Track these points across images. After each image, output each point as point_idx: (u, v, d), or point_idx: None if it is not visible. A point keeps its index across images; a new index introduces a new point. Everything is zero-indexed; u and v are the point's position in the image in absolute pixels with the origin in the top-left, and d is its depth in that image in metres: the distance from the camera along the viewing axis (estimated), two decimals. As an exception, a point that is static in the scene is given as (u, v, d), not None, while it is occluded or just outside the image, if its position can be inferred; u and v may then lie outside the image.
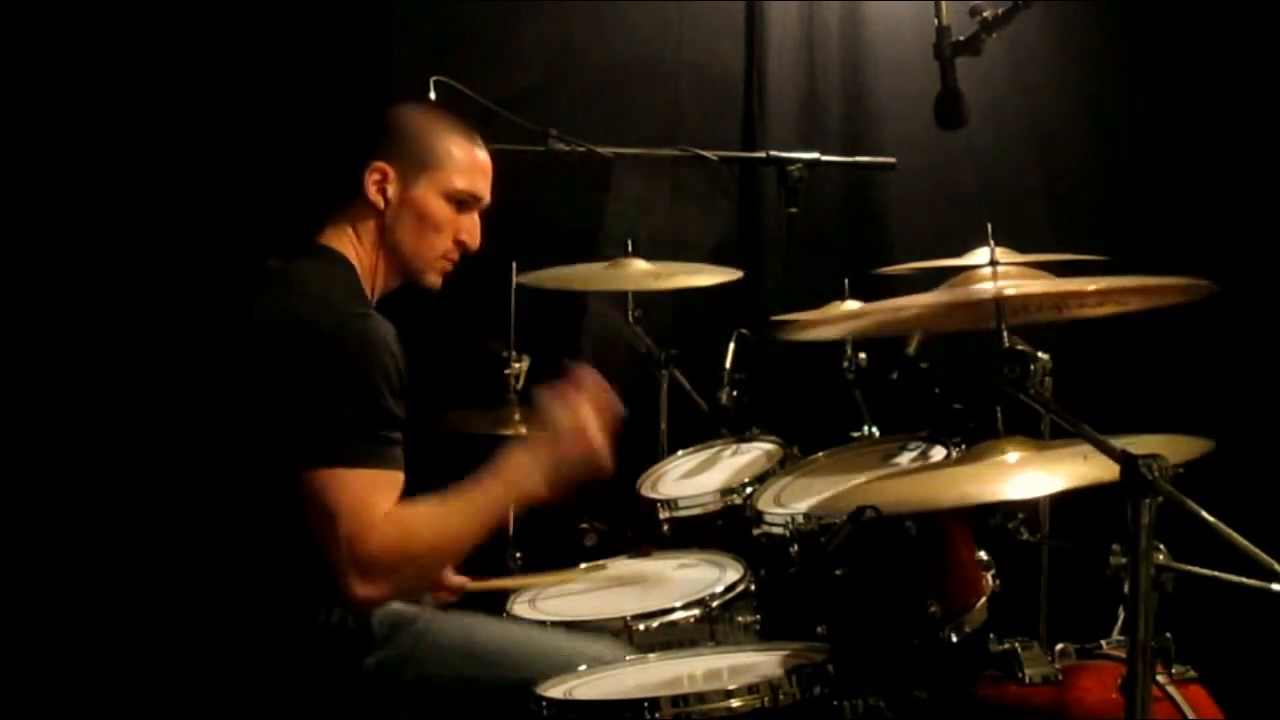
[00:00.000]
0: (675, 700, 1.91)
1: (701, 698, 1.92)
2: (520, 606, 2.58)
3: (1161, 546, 1.66)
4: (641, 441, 3.24)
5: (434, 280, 2.33)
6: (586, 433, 2.12)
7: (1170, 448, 1.68)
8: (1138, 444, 1.67)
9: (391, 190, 2.25)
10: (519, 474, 2.11)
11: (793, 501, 2.58)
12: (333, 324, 2.04)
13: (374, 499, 1.98)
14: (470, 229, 2.32)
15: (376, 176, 2.25)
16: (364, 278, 2.24)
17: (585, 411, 2.13)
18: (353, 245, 2.25)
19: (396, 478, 2.02)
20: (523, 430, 3.06)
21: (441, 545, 2.08)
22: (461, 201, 2.30)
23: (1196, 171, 3.78)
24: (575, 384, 2.15)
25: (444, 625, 2.22)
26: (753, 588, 2.47)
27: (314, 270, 2.19)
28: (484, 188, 2.34)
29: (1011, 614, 2.37)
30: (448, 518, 2.07)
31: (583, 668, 2.13)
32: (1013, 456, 1.92)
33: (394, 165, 2.25)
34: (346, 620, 2.12)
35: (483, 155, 2.34)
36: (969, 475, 1.99)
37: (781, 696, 1.92)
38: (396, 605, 2.21)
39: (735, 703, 1.91)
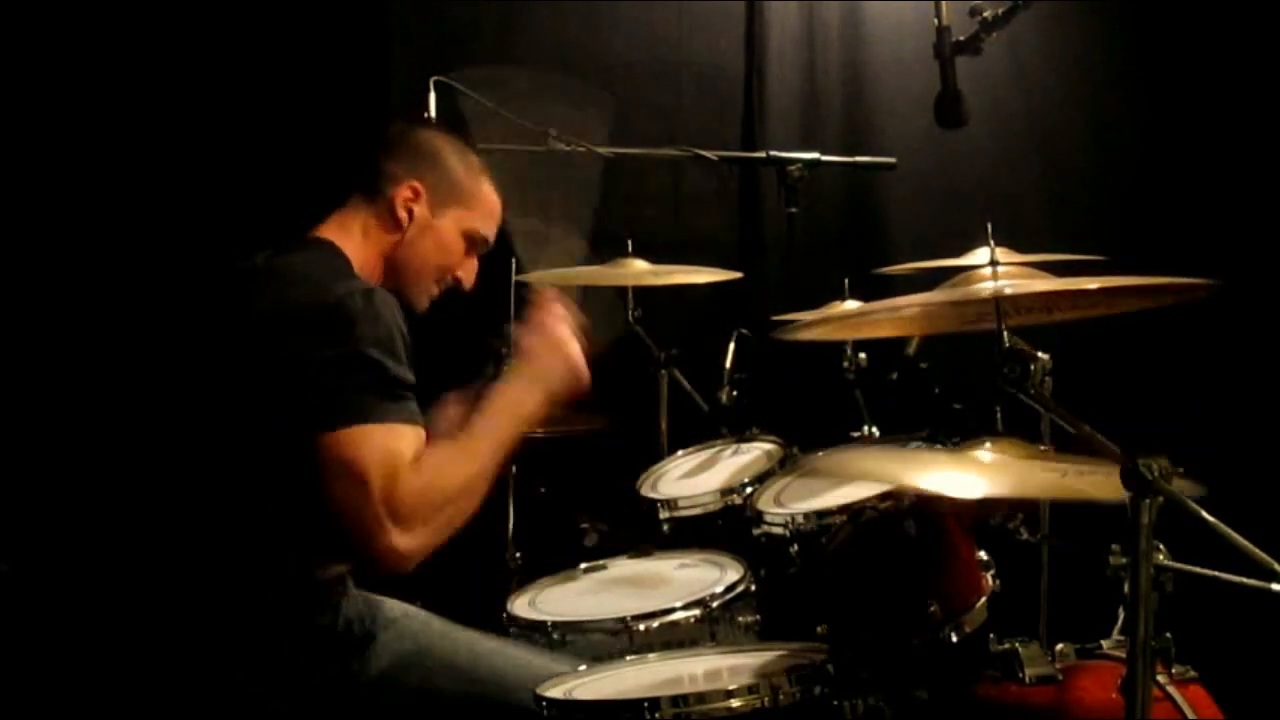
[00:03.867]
0: (675, 700, 1.91)
1: (701, 698, 1.92)
2: (520, 606, 2.58)
3: (1161, 546, 1.66)
4: (641, 441, 3.25)
5: (422, 304, 2.35)
6: (562, 344, 2.19)
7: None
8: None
9: (418, 210, 2.27)
10: (517, 400, 2.14)
11: (793, 501, 2.58)
12: (339, 297, 2.04)
13: (399, 448, 1.97)
14: (470, 270, 2.38)
15: (409, 194, 2.27)
16: (360, 275, 2.24)
17: (556, 327, 2.21)
18: (356, 246, 2.25)
19: (419, 431, 2.02)
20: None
21: (468, 485, 2.05)
22: (473, 243, 2.36)
23: (1196, 171, 3.79)
24: (542, 308, 2.23)
25: (451, 640, 2.22)
26: (753, 588, 2.47)
27: (313, 260, 2.18)
28: (494, 234, 2.40)
29: (1011, 614, 2.37)
30: (466, 457, 2.06)
31: (582, 668, 2.13)
32: (986, 455, 1.91)
33: (427, 187, 2.28)
34: (351, 625, 2.12)
35: (499, 202, 2.40)
36: (931, 462, 1.98)
37: (781, 696, 1.92)
38: (402, 611, 2.21)
39: (735, 703, 1.91)
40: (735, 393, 3.13)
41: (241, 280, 2.18)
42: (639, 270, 3.23)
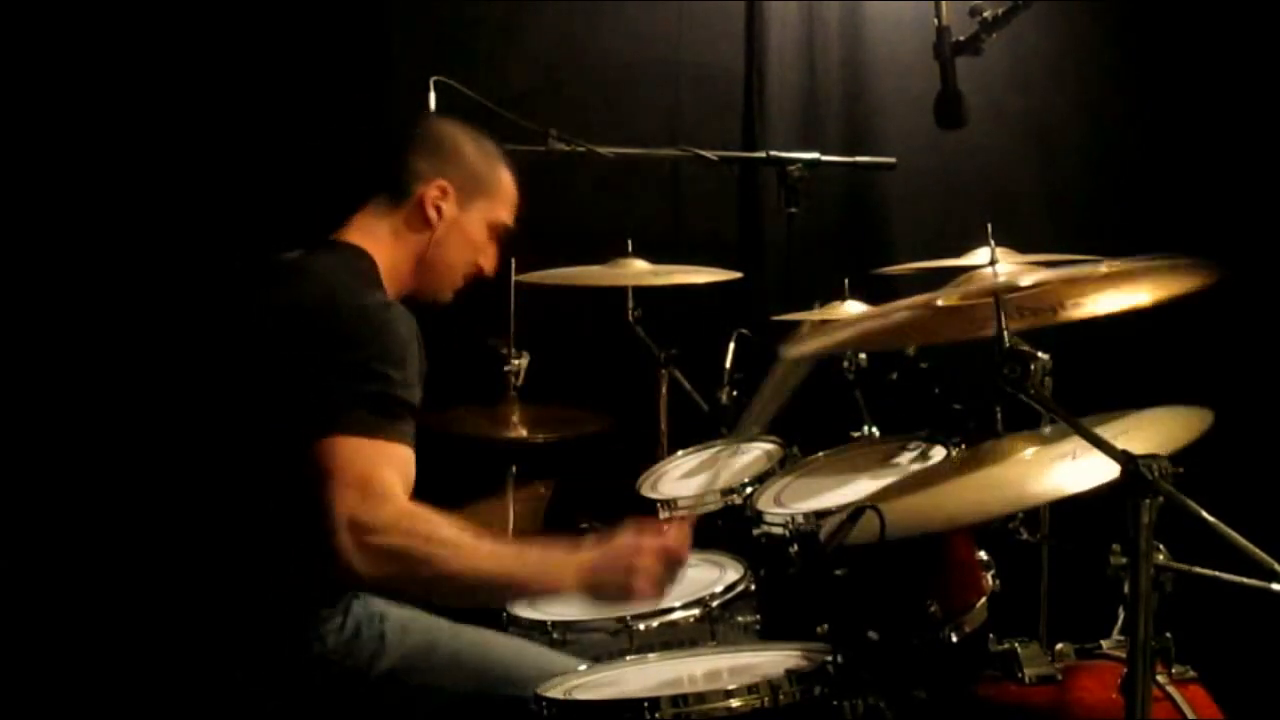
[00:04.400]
0: (675, 700, 1.91)
1: (701, 698, 1.92)
2: (520, 606, 2.57)
3: (1161, 546, 1.67)
4: (641, 441, 3.25)
5: (447, 298, 2.37)
6: (642, 570, 2.00)
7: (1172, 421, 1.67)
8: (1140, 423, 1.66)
9: (447, 208, 2.27)
10: (559, 564, 2.01)
11: (793, 501, 2.58)
12: (357, 306, 2.05)
13: (382, 469, 1.93)
14: (491, 257, 2.38)
15: (437, 193, 2.26)
16: (386, 278, 2.23)
17: (651, 551, 2.01)
18: (386, 248, 2.24)
19: (406, 453, 1.97)
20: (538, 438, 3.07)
21: (447, 564, 1.93)
22: (496, 231, 2.36)
23: (1196, 171, 3.79)
24: (658, 530, 2.06)
25: (459, 637, 2.22)
26: (753, 588, 2.47)
27: (337, 262, 2.18)
28: (513, 219, 2.40)
29: (1011, 614, 2.37)
30: (468, 547, 1.95)
31: (582, 667, 2.13)
32: (1028, 452, 1.92)
33: (454, 184, 2.28)
34: (360, 627, 2.12)
35: (515, 185, 2.40)
36: (993, 481, 1.98)
37: (781, 696, 1.92)
38: (411, 614, 2.21)
39: (735, 703, 1.91)
40: (735, 393, 3.13)
41: (257, 278, 2.18)
42: (639, 270, 3.23)
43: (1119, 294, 2.03)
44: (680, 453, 3.10)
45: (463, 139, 2.34)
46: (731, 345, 3.16)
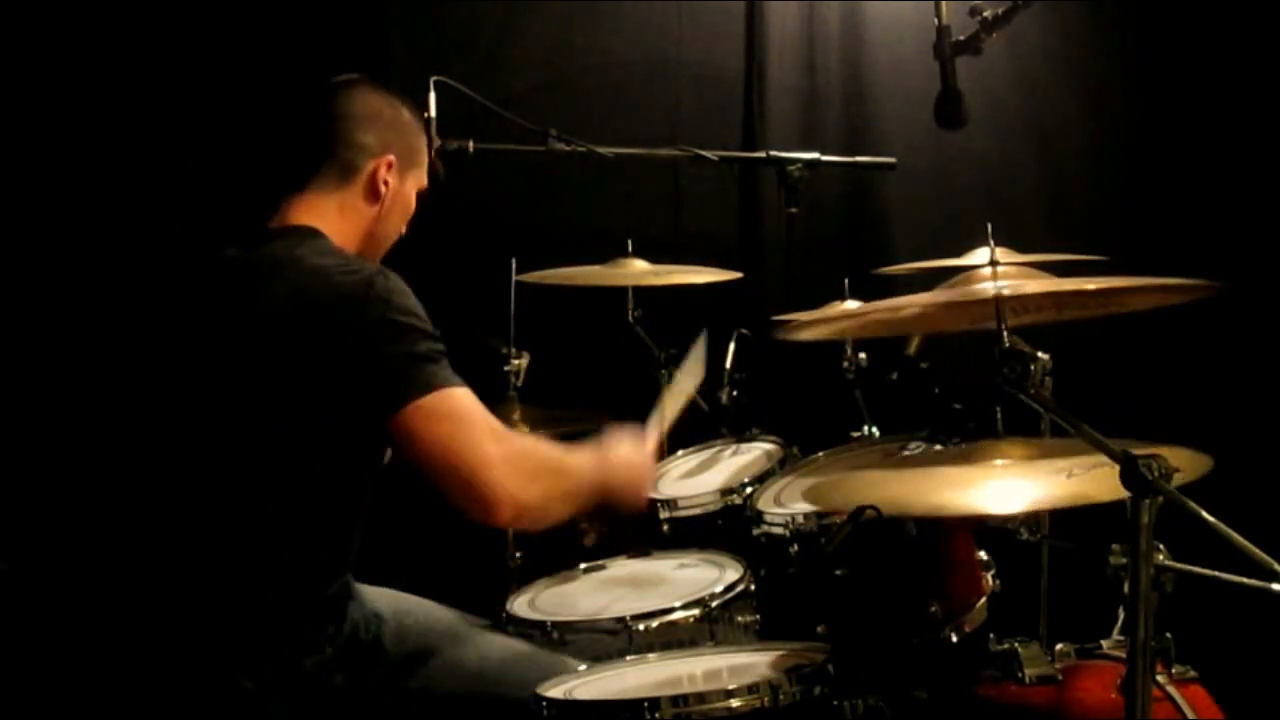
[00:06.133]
0: (675, 700, 1.91)
1: (701, 698, 1.92)
2: (519, 606, 2.57)
3: (1161, 546, 1.67)
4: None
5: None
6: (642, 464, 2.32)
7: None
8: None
9: (392, 182, 2.28)
10: (615, 464, 2.24)
11: (793, 501, 2.57)
12: (364, 278, 2.04)
13: (483, 408, 2.05)
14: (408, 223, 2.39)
15: (385, 168, 2.26)
16: None
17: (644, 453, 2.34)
18: (335, 226, 2.21)
19: None
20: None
21: (573, 470, 2.14)
22: (418, 197, 2.37)
23: (1196, 171, 3.79)
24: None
25: (455, 639, 2.22)
26: (752, 588, 2.47)
27: (312, 248, 2.14)
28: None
29: (1011, 614, 2.37)
30: (573, 454, 2.16)
31: (582, 668, 2.13)
32: (1000, 461, 1.92)
33: (399, 158, 2.29)
34: (358, 629, 2.12)
35: None
36: (957, 479, 1.98)
37: (781, 696, 1.92)
38: (407, 609, 2.21)
39: (735, 703, 1.91)
40: (735, 393, 3.13)
41: (233, 274, 2.14)
42: (639, 270, 3.23)
43: (1120, 300, 2.03)
44: (680, 452, 3.10)
45: (399, 108, 2.34)
46: (731, 345, 3.16)
